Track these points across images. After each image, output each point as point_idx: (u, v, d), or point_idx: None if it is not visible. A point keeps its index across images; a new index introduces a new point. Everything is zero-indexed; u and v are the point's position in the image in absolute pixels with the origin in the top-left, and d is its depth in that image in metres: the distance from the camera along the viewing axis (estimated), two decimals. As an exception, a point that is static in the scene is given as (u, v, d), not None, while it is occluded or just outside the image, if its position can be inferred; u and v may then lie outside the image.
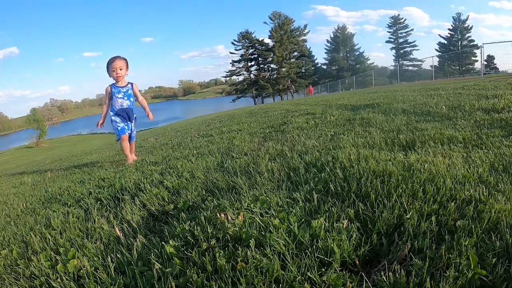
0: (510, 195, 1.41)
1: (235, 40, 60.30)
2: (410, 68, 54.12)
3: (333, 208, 1.46)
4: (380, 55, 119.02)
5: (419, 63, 55.29)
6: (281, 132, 4.36)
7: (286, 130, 4.43)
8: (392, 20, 58.99)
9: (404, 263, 1.10)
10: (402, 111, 4.42)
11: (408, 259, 1.10)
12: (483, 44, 17.42)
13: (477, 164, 1.85)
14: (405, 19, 58.55)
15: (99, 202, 2.40)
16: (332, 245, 1.17)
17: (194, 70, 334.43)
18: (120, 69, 4.17)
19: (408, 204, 1.40)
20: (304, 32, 60.74)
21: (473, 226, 1.18)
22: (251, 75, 60.49)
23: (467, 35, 53.68)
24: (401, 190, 1.51)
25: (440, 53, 53.52)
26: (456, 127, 2.99)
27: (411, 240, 1.18)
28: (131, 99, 4.33)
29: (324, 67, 61.09)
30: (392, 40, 58.83)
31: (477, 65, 40.98)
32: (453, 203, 1.35)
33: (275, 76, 58.37)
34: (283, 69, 57.47)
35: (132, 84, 4.34)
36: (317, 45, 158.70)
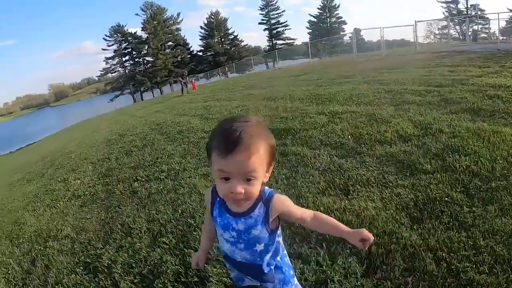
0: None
1: (106, 35, 55.77)
2: (285, 46, 55.34)
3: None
4: (253, 35, 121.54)
5: (291, 41, 57.45)
6: None
7: None
8: (263, 3, 59.71)
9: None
10: None
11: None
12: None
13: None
14: (276, 1, 59.74)
15: None
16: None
17: (63, 72, 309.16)
18: (248, 179, 1.09)
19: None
20: (178, 21, 58.59)
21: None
22: (127, 71, 56.73)
23: (336, 12, 57.19)
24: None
25: (310, 31, 56.59)
26: None
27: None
28: (258, 246, 1.28)
29: (200, 53, 59.50)
30: (265, 21, 59.66)
31: (346, 38, 43.16)
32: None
33: (151, 69, 55.32)
34: (159, 61, 54.58)
35: (267, 201, 1.22)
36: (189, 31, 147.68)
